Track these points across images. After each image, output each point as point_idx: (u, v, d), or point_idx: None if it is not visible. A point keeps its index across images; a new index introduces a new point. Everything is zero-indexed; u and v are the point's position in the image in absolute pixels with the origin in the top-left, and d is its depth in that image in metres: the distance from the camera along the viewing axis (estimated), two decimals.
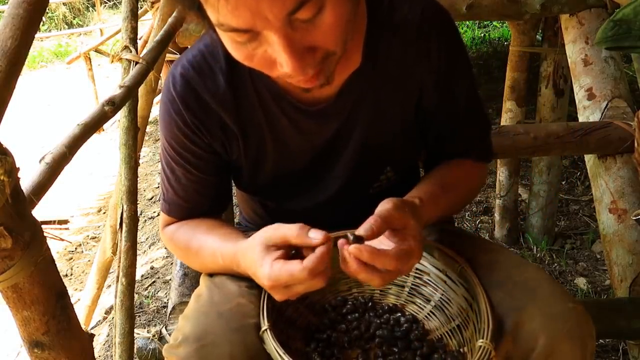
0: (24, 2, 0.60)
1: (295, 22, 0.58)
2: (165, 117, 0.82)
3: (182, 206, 0.88)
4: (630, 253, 1.30)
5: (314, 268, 0.64)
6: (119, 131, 1.19)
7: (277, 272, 0.66)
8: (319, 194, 0.91)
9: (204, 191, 0.87)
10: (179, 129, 0.81)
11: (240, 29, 0.58)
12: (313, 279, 0.65)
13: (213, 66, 0.79)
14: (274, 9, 0.55)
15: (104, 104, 0.88)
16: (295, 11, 0.56)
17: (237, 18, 0.56)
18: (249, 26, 0.57)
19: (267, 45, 0.60)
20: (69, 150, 0.77)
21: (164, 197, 0.90)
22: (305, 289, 0.67)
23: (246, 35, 0.59)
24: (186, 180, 0.86)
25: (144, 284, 2.45)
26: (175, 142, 0.83)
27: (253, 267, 0.70)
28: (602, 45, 1.07)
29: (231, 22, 0.57)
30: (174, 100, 0.80)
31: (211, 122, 0.81)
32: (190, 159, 0.84)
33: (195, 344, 0.71)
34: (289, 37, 0.58)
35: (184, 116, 0.80)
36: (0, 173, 0.54)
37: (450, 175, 0.89)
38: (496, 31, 5.80)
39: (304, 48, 0.60)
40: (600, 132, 1.38)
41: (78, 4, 10.77)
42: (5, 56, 0.57)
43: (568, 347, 0.69)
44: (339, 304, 0.87)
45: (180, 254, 0.93)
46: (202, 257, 0.84)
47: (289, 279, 0.65)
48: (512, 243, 2.37)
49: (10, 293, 0.65)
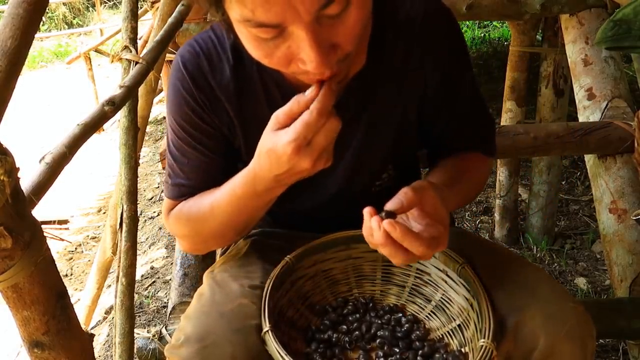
0: (24, 2, 0.60)
1: (322, 18, 0.58)
2: (175, 97, 0.81)
3: (191, 188, 0.85)
4: (630, 253, 1.30)
5: (322, 106, 0.62)
6: (119, 131, 1.19)
7: (292, 131, 0.63)
8: (321, 193, 0.91)
9: (213, 173, 0.85)
10: (190, 107, 0.80)
11: (268, 24, 0.58)
12: (326, 119, 0.63)
13: (221, 55, 0.80)
14: (306, 2, 0.55)
15: (104, 104, 0.87)
16: (326, 5, 0.56)
17: (267, 12, 0.56)
18: (278, 20, 0.57)
19: (291, 42, 0.60)
20: (69, 150, 0.77)
21: (170, 182, 0.87)
22: (325, 137, 0.64)
23: (271, 31, 0.59)
24: (198, 161, 0.84)
25: (144, 284, 2.45)
26: (186, 122, 0.82)
27: (270, 159, 0.67)
28: (602, 45, 1.07)
29: (260, 16, 0.56)
30: (184, 79, 0.80)
31: (218, 106, 0.81)
32: (202, 138, 0.82)
33: (197, 344, 0.71)
34: (316, 33, 0.58)
35: (194, 94, 0.80)
36: (0, 173, 0.54)
37: (461, 164, 0.89)
38: (496, 31, 5.80)
39: (328, 45, 0.61)
40: (600, 132, 1.38)
41: (78, 4, 10.77)
42: (5, 56, 0.57)
43: (568, 347, 0.69)
44: (339, 305, 0.87)
45: (192, 224, 0.87)
46: (217, 208, 0.80)
47: (305, 129, 0.62)
48: (512, 243, 2.37)
49: (10, 293, 0.65)
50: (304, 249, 0.84)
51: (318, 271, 0.88)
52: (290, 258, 0.82)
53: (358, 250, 0.89)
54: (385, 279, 0.91)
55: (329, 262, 0.89)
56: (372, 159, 0.88)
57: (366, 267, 0.91)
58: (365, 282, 0.91)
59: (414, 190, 0.67)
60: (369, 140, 0.86)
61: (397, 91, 0.83)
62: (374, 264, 0.90)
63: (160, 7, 1.58)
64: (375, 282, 0.91)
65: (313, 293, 0.88)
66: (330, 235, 0.86)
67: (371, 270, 0.91)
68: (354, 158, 0.87)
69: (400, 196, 0.67)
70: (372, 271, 0.91)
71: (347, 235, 0.86)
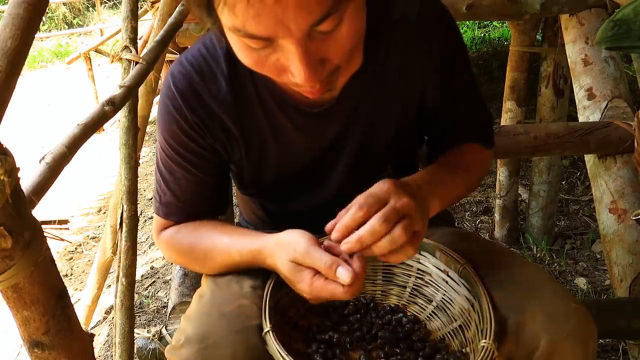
0: (24, 2, 0.60)
1: (313, 33, 0.58)
2: (165, 116, 0.81)
3: (180, 208, 0.86)
4: (630, 253, 1.30)
5: (355, 291, 0.67)
6: (119, 131, 1.19)
7: (318, 290, 0.68)
8: (321, 194, 0.91)
9: (203, 192, 0.86)
10: (180, 127, 0.80)
11: (259, 36, 0.58)
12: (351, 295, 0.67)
13: (214, 68, 0.79)
14: (298, 19, 0.55)
15: (104, 104, 0.87)
16: (319, 23, 0.56)
17: (258, 25, 0.56)
18: (269, 34, 0.57)
19: (281, 54, 0.60)
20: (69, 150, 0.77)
21: (159, 201, 0.88)
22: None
23: (262, 42, 0.59)
24: (185, 181, 0.84)
25: (144, 284, 2.45)
26: (175, 142, 0.82)
27: (288, 279, 0.72)
28: (602, 45, 1.07)
29: (250, 28, 0.56)
30: (174, 98, 0.79)
31: (212, 122, 0.80)
32: (191, 158, 0.83)
33: (198, 345, 0.71)
34: (306, 48, 0.59)
35: (185, 114, 0.79)
36: (1, 173, 0.54)
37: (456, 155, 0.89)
38: (496, 31, 5.80)
39: (318, 59, 0.61)
40: (600, 132, 1.38)
41: (78, 4, 10.77)
42: (5, 56, 0.57)
43: (570, 347, 0.69)
44: (340, 305, 0.87)
45: (182, 258, 0.89)
46: (212, 256, 0.83)
47: (330, 297, 0.68)
48: (512, 243, 2.36)
49: (10, 293, 0.65)
50: None
51: None
52: None
53: None
54: (386, 279, 0.91)
55: None
56: (371, 159, 0.88)
57: (367, 268, 0.90)
58: (366, 283, 0.91)
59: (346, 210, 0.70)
60: (367, 140, 0.86)
61: (394, 91, 0.83)
62: (374, 264, 0.90)
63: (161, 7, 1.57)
64: (376, 282, 0.91)
65: None
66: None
67: (372, 270, 0.91)
68: (352, 158, 0.87)
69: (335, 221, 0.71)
70: (373, 271, 0.91)
71: None
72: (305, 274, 0.69)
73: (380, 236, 0.65)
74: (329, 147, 0.86)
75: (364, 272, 0.67)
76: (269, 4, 0.53)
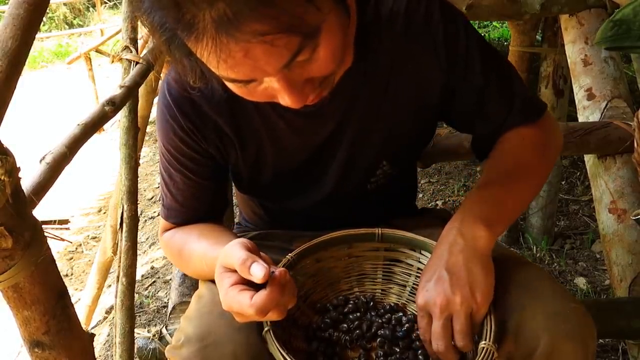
0: (24, 2, 0.60)
1: (292, 65, 0.59)
2: (162, 123, 0.83)
3: (179, 211, 0.89)
4: (630, 253, 1.30)
5: (262, 307, 0.63)
6: (119, 131, 1.19)
7: (229, 300, 0.65)
8: (317, 192, 0.92)
9: (201, 196, 0.88)
10: (175, 134, 0.82)
11: (240, 80, 0.60)
12: (264, 315, 0.64)
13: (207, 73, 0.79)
14: (271, 63, 0.57)
15: (104, 104, 0.88)
16: (293, 59, 0.57)
17: (236, 74, 0.58)
18: (248, 78, 0.60)
19: (267, 84, 0.62)
20: (69, 150, 0.77)
21: (162, 203, 0.91)
22: (261, 319, 0.66)
23: (245, 82, 0.62)
24: (183, 185, 0.86)
25: (144, 283, 2.45)
26: (172, 147, 0.84)
27: (220, 291, 0.69)
28: (602, 45, 1.06)
29: (231, 75, 0.59)
30: (169, 106, 0.81)
31: (207, 127, 0.82)
32: (187, 163, 0.84)
33: (198, 344, 0.71)
34: (289, 79, 0.61)
35: (179, 121, 0.81)
36: (1, 173, 0.54)
37: (503, 154, 0.86)
38: (496, 31, 5.80)
39: (302, 82, 0.63)
40: (600, 132, 1.38)
41: (78, 4, 10.77)
42: (5, 56, 0.57)
43: (570, 347, 0.69)
44: (340, 304, 0.87)
45: (174, 260, 0.93)
46: (193, 263, 0.85)
47: (240, 311, 0.65)
48: (512, 243, 2.36)
49: (10, 293, 0.65)
50: (305, 247, 0.84)
51: (319, 269, 0.88)
52: (291, 256, 0.82)
53: (359, 248, 0.89)
54: (387, 278, 0.91)
55: (330, 260, 0.89)
56: (365, 155, 0.88)
57: (367, 266, 0.91)
58: (366, 281, 0.91)
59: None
60: (360, 137, 0.86)
61: (385, 87, 0.83)
62: (375, 262, 0.90)
63: None
64: (376, 281, 0.91)
65: (314, 291, 0.88)
66: (332, 233, 0.86)
67: (372, 269, 0.91)
68: (346, 155, 0.87)
69: None
70: (373, 270, 0.91)
71: (348, 234, 0.86)
72: (225, 282, 0.66)
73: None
74: (324, 146, 0.86)
75: (278, 294, 0.64)
76: (239, 58, 0.55)
